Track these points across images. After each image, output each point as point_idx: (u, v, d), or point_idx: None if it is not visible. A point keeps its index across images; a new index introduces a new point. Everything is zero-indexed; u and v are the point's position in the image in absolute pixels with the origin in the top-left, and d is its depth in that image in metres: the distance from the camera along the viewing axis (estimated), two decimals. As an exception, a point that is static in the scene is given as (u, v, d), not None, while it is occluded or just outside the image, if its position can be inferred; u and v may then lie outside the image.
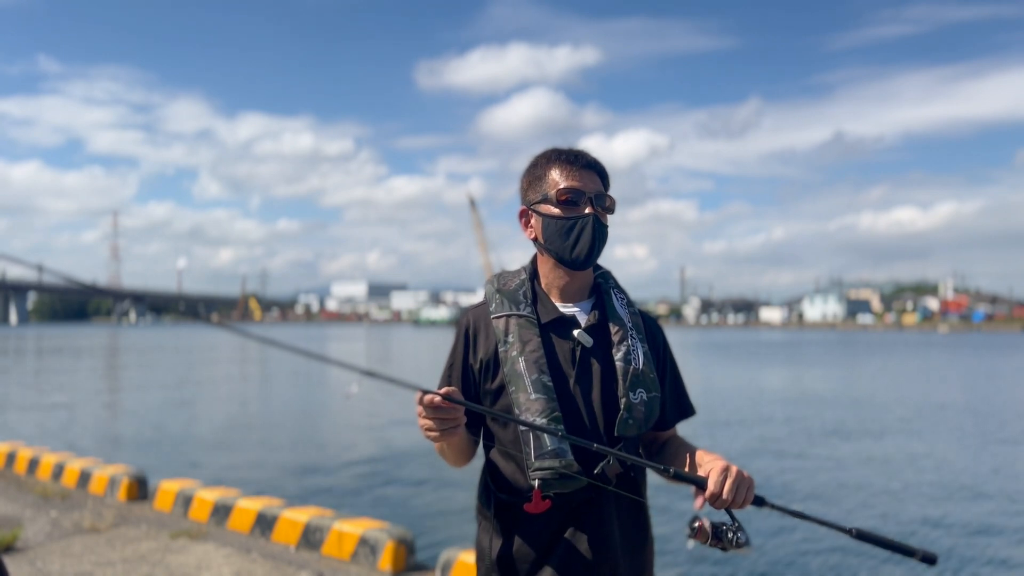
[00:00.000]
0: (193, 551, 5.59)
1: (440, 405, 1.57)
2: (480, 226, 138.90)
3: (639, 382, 1.80)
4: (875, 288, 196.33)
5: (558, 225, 1.83)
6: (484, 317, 1.88)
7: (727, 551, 1.60)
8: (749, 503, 1.61)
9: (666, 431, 1.96)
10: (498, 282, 1.92)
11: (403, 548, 5.33)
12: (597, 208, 1.83)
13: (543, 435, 1.70)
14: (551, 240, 1.85)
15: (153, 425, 16.88)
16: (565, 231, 1.82)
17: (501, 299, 1.87)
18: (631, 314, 1.90)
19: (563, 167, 1.85)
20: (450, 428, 1.61)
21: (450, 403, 1.58)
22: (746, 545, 1.59)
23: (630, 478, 1.80)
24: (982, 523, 9.18)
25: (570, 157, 1.86)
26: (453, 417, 1.60)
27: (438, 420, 1.59)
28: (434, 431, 1.61)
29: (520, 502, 1.75)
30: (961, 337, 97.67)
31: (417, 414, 1.61)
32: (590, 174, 1.85)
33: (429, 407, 1.57)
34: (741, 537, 1.59)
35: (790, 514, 1.60)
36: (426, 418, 1.60)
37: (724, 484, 1.58)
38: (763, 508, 1.63)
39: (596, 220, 1.82)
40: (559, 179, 1.84)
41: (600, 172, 1.88)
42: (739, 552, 1.60)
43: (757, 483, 1.63)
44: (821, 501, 10.32)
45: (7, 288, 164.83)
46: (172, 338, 79.96)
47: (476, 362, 1.85)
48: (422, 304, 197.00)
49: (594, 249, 1.83)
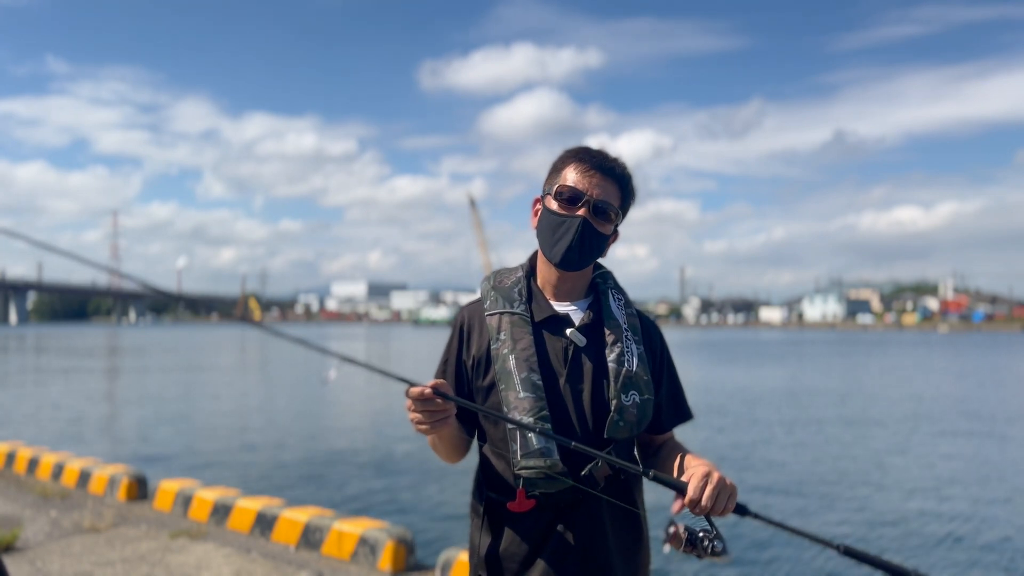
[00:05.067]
0: (193, 551, 5.59)
1: (427, 397, 1.57)
2: (480, 226, 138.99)
3: (632, 384, 1.78)
4: (875, 288, 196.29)
5: (549, 220, 1.83)
6: (479, 314, 1.88)
7: (702, 559, 1.56)
8: (730, 511, 1.58)
9: (662, 435, 1.94)
10: (494, 279, 1.92)
11: (403, 548, 5.33)
12: (594, 215, 1.79)
13: (529, 434, 1.69)
14: (541, 232, 1.86)
15: (153, 425, 16.87)
16: (553, 227, 1.82)
17: (496, 296, 1.87)
18: (628, 315, 1.89)
19: (578, 165, 1.83)
20: (439, 421, 1.61)
21: (436, 396, 1.58)
22: (723, 553, 1.55)
23: (620, 481, 1.77)
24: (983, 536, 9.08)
25: (587, 157, 1.83)
26: (442, 409, 1.59)
27: (426, 413, 1.59)
28: (423, 424, 1.60)
29: (507, 500, 1.75)
30: (961, 337, 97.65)
31: (406, 407, 1.61)
32: (603, 180, 1.81)
33: (417, 399, 1.57)
34: (718, 545, 1.55)
35: (774, 525, 1.56)
36: (415, 411, 1.60)
37: (704, 490, 1.56)
38: (746, 517, 1.58)
39: (586, 225, 1.78)
40: (569, 176, 1.83)
41: (619, 181, 1.84)
42: (715, 560, 1.56)
43: (742, 489, 1.59)
44: (814, 507, 10.30)
45: (7, 288, 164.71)
46: (172, 338, 79.95)
47: (469, 359, 1.85)
48: (422, 304, 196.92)
49: (574, 253, 1.80)
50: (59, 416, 18.17)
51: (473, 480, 1.91)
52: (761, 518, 1.57)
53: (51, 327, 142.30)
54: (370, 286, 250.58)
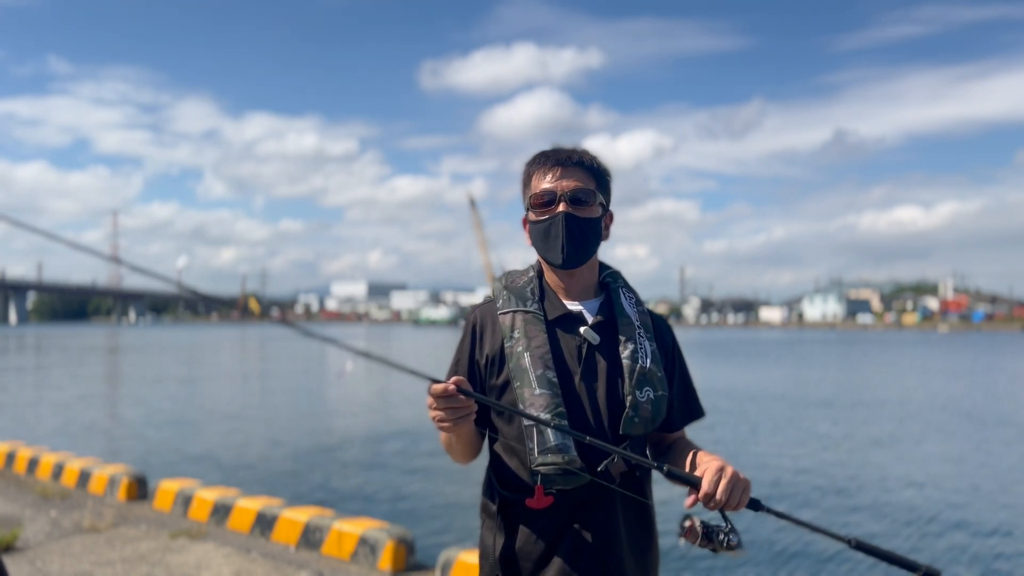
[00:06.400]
0: (193, 551, 5.59)
1: (451, 394, 1.57)
2: (480, 226, 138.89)
3: (646, 381, 1.79)
4: (875, 288, 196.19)
5: (536, 229, 1.85)
6: (491, 313, 1.89)
7: (717, 552, 1.58)
8: (744, 506, 1.60)
9: (674, 432, 1.95)
10: (506, 279, 1.93)
11: (403, 548, 5.33)
12: (573, 205, 1.80)
13: (546, 430, 1.70)
14: (536, 245, 1.87)
15: (153, 425, 16.87)
16: (542, 234, 1.84)
17: (508, 296, 1.88)
18: (639, 313, 1.90)
19: (539, 169, 1.85)
20: (461, 418, 1.61)
21: (460, 393, 1.58)
22: (738, 548, 1.57)
23: (635, 478, 1.78)
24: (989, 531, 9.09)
25: (545, 158, 1.85)
26: (464, 406, 1.60)
27: (449, 410, 1.59)
28: (446, 421, 1.61)
29: (523, 498, 1.75)
30: (961, 337, 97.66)
31: (428, 405, 1.61)
32: (568, 170, 1.82)
33: (441, 396, 1.58)
34: (733, 539, 1.56)
35: (787, 519, 1.58)
36: (437, 408, 1.60)
37: (718, 485, 1.57)
38: (759, 512, 1.60)
39: (568, 217, 1.80)
40: (536, 183, 1.85)
41: (585, 166, 1.84)
42: (730, 555, 1.58)
43: (754, 485, 1.61)
44: (825, 500, 10.30)
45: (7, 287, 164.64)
46: (171, 338, 79.96)
47: (482, 357, 1.85)
48: (422, 304, 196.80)
49: (569, 246, 1.81)
50: (59, 416, 18.17)
51: (484, 480, 1.91)
52: (774, 512, 1.58)
53: (51, 327, 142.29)
54: (370, 286, 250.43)
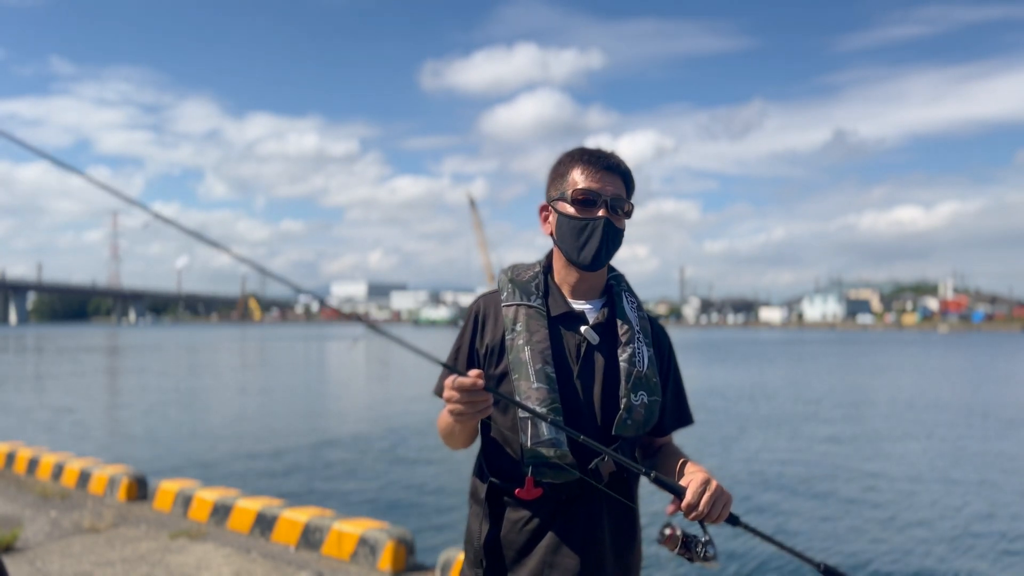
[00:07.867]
0: (193, 551, 5.59)
1: (479, 388, 1.58)
2: (480, 226, 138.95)
3: (641, 384, 1.82)
4: (875, 288, 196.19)
5: (571, 225, 1.86)
6: (495, 304, 1.91)
7: (693, 562, 1.61)
8: (723, 519, 1.64)
9: (662, 438, 1.99)
10: (512, 272, 1.96)
11: (403, 548, 5.33)
12: (612, 212, 1.84)
13: (541, 424, 1.73)
14: (563, 238, 1.88)
15: (153, 425, 16.88)
16: (576, 232, 1.85)
17: (513, 288, 1.90)
18: (640, 317, 1.93)
19: (585, 167, 1.87)
20: (480, 412, 1.61)
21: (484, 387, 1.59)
22: (714, 559, 1.61)
23: (622, 479, 1.82)
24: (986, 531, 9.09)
25: (593, 158, 1.87)
26: (484, 399, 1.60)
27: (470, 404, 1.59)
28: (465, 414, 1.61)
29: (512, 487, 1.79)
30: (961, 337, 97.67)
31: (446, 397, 1.61)
32: (611, 177, 1.86)
33: (466, 391, 1.57)
34: (710, 551, 1.60)
35: (761, 537, 1.62)
36: (459, 402, 1.59)
37: (702, 497, 1.61)
38: (737, 527, 1.64)
39: (608, 224, 1.83)
40: (579, 179, 1.86)
41: (624, 176, 1.89)
42: (705, 565, 1.61)
43: (741, 484, 1.65)
44: (814, 500, 10.28)
45: (7, 288, 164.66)
46: (171, 338, 79.96)
47: (482, 347, 1.88)
48: (422, 304, 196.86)
49: (602, 253, 1.85)
50: (59, 416, 18.18)
51: (474, 467, 1.94)
52: (751, 530, 1.64)
53: (51, 327, 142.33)
54: (370, 286, 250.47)
